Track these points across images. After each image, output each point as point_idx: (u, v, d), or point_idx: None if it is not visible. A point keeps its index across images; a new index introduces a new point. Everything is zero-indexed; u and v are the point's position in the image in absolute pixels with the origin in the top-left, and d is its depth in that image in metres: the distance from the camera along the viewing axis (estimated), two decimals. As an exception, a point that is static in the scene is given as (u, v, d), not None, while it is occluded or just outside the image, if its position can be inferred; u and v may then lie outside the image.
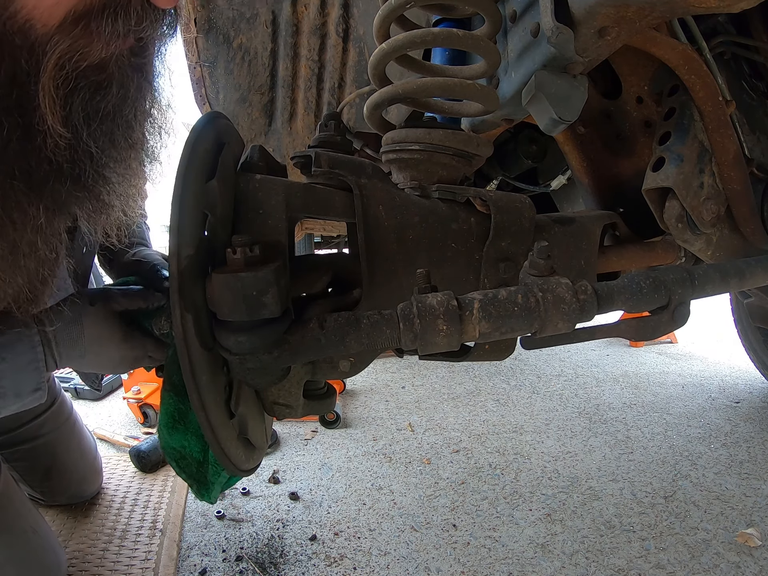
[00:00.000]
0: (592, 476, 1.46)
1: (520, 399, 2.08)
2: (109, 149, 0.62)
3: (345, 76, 1.22)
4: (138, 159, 0.70)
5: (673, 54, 0.76)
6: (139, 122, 0.65)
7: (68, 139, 0.55)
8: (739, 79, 0.98)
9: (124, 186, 0.68)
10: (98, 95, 0.57)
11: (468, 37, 0.68)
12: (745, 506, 1.30)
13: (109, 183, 0.65)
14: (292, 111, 1.29)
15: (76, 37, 0.51)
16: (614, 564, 1.11)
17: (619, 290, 0.61)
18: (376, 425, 1.87)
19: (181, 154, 0.54)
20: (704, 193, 0.84)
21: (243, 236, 0.52)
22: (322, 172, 0.66)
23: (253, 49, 1.17)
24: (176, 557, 1.15)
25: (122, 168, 0.66)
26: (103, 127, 0.59)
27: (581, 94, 0.66)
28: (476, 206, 0.74)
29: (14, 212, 0.57)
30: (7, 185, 0.55)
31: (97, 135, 0.59)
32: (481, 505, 1.35)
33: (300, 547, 1.20)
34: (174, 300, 0.51)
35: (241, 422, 0.64)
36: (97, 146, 0.60)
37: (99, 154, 0.61)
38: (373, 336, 0.55)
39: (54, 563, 0.97)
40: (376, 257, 0.68)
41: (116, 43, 0.54)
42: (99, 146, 0.60)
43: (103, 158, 0.62)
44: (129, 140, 0.65)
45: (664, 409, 1.92)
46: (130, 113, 0.62)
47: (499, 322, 0.55)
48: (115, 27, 0.52)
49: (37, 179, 0.57)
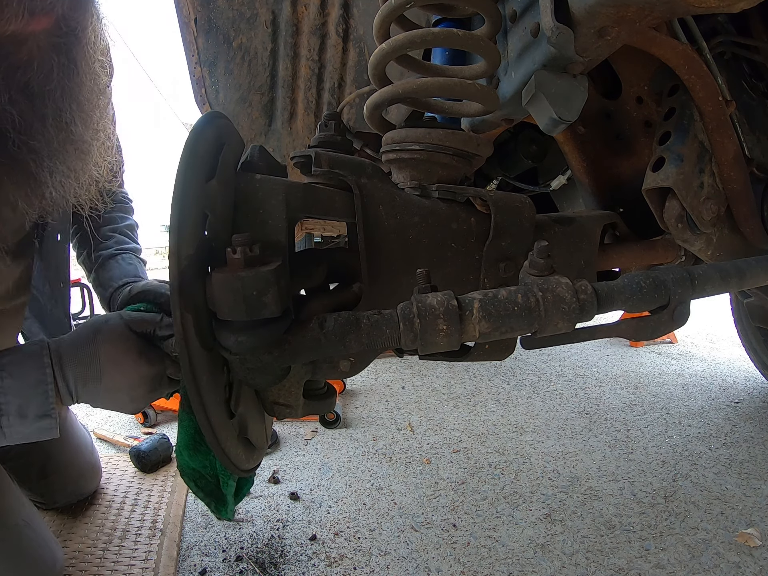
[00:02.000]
0: (592, 476, 1.46)
1: (520, 399, 2.08)
2: (36, 123, 0.64)
3: (345, 76, 1.22)
4: (72, 143, 0.71)
5: (673, 54, 0.76)
6: (69, 105, 0.67)
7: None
8: (739, 79, 0.98)
9: (55, 163, 0.69)
10: (19, 69, 0.60)
11: (468, 37, 0.68)
12: (745, 506, 1.30)
13: (37, 155, 0.66)
14: (292, 111, 1.29)
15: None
16: (614, 564, 1.11)
17: (619, 290, 0.61)
18: (376, 425, 1.87)
19: (181, 154, 0.54)
20: (704, 193, 0.84)
21: (243, 236, 0.52)
22: (322, 172, 0.66)
23: (253, 49, 1.17)
24: (176, 557, 1.15)
25: (53, 146, 0.67)
26: (27, 100, 0.62)
27: (581, 94, 0.66)
28: (476, 206, 0.74)
29: None
30: None
31: (20, 105, 0.62)
32: (481, 505, 1.35)
33: (300, 547, 1.20)
34: (174, 300, 0.51)
35: (241, 422, 0.64)
36: (21, 116, 0.62)
37: (23, 123, 0.63)
38: (373, 336, 0.55)
39: (49, 558, 0.94)
40: (376, 257, 0.68)
41: (24, 19, 0.56)
42: (23, 116, 0.62)
43: (28, 129, 0.64)
44: (58, 120, 0.67)
45: (664, 409, 1.92)
46: (57, 93, 0.65)
47: (499, 321, 0.55)
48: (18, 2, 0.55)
49: None
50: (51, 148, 0.67)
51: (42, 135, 0.66)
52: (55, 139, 0.67)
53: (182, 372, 0.53)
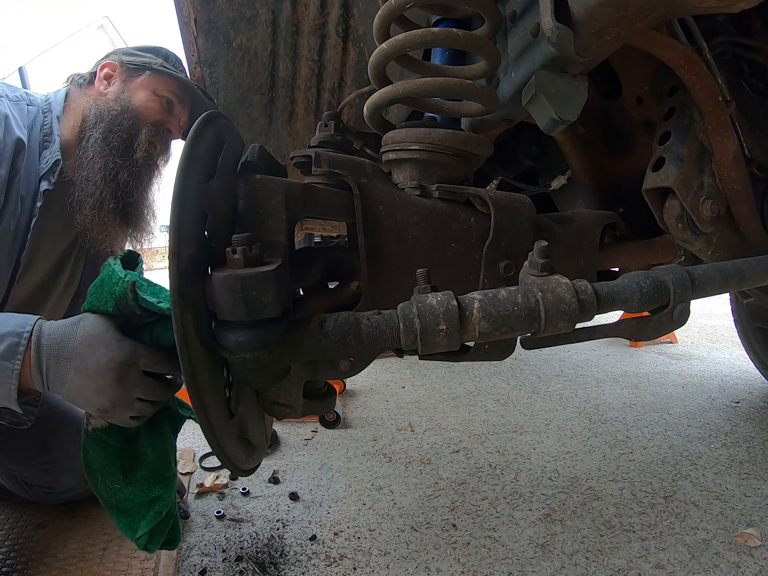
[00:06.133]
0: (592, 476, 1.46)
1: (520, 399, 2.08)
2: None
3: (345, 76, 1.22)
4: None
5: (673, 54, 0.76)
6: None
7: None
8: (739, 79, 0.98)
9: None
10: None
11: (468, 37, 0.68)
12: (745, 506, 1.30)
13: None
14: (292, 111, 1.29)
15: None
16: (614, 564, 1.11)
17: (619, 290, 0.61)
18: (376, 425, 1.87)
19: (181, 154, 0.54)
20: (704, 193, 0.84)
21: (243, 236, 0.52)
22: (322, 172, 0.66)
23: (253, 49, 1.17)
24: (176, 557, 1.14)
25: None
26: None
27: (581, 94, 0.66)
28: (476, 206, 0.74)
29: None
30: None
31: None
32: (481, 505, 1.35)
33: (300, 547, 1.20)
34: (174, 300, 0.51)
35: (241, 422, 0.64)
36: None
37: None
38: (373, 336, 0.55)
39: None
40: (376, 257, 0.68)
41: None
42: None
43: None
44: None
45: (664, 409, 1.92)
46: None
47: (499, 321, 0.55)
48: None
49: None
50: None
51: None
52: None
53: (182, 372, 0.52)
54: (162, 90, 1.14)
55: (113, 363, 0.68)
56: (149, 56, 1.17)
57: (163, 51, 1.20)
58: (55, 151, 1.05)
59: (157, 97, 1.14)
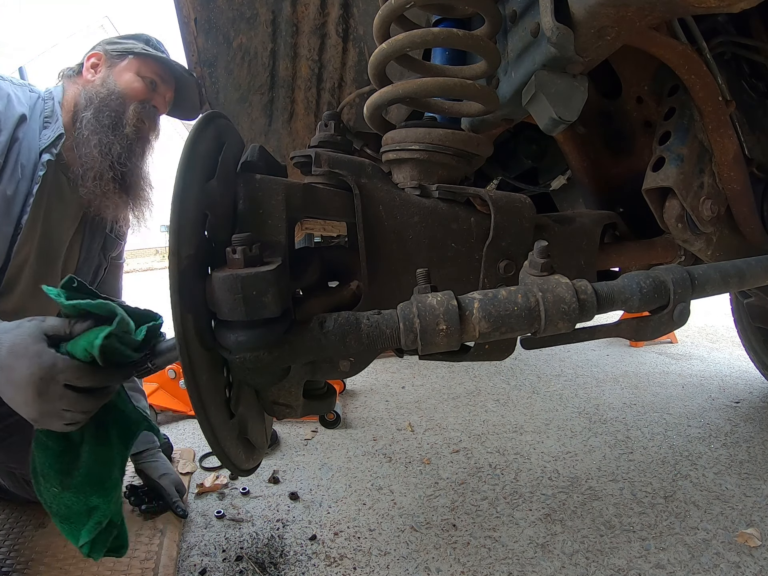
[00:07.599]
0: (592, 476, 1.46)
1: (520, 399, 2.08)
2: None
3: (345, 76, 1.22)
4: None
5: (673, 54, 0.76)
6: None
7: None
8: (739, 79, 0.98)
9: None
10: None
11: (468, 37, 0.68)
12: (745, 506, 1.30)
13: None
14: (292, 111, 1.29)
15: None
16: (614, 564, 1.11)
17: (619, 290, 0.61)
18: (376, 425, 1.87)
19: (181, 154, 0.54)
20: (704, 193, 0.84)
21: (243, 236, 0.52)
22: (322, 172, 0.66)
23: (253, 49, 1.17)
24: (176, 557, 1.14)
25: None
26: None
27: (581, 94, 0.66)
28: (476, 206, 0.74)
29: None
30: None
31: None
32: (481, 505, 1.35)
33: (300, 547, 1.20)
34: (174, 300, 0.51)
35: (241, 422, 0.64)
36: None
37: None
38: (373, 336, 0.55)
39: None
40: (376, 257, 0.68)
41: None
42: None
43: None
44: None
45: (664, 409, 1.92)
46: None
47: (499, 321, 0.55)
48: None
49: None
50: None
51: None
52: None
53: (183, 372, 0.52)
54: (145, 71, 1.21)
55: (34, 377, 0.67)
56: (131, 42, 1.24)
57: (143, 36, 1.28)
58: (58, 128, 1.12)
59: (141, 78, 1.21)
